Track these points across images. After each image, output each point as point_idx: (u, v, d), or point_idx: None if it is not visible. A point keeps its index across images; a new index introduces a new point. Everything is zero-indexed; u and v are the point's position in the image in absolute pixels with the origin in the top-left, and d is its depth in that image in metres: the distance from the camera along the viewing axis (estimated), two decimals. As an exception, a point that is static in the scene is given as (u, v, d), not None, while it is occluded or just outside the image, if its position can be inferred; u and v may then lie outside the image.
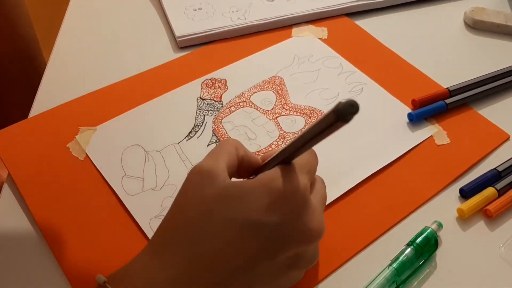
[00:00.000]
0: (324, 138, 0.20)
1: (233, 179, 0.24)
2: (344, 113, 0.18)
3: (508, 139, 0.36)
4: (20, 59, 0.49)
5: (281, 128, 0.36)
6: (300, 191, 0.23)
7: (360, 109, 0.18)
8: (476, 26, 0.46)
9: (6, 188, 0.32)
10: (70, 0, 0.47)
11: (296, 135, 0.21)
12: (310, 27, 0.45)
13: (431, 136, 0.36)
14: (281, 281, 0.24)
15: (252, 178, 0.24)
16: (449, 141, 0.36)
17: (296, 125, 0.36)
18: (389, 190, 0.32)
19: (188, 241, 0.22)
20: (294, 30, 0.45)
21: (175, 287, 0.21)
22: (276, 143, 0.35)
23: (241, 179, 0.24)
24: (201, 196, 0.23)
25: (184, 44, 0.43)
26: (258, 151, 0.34)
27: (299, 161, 0.24)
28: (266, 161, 0.25)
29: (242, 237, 0.22)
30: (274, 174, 0.23)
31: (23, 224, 0.30)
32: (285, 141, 0.35)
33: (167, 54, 0.42)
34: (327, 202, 0.31)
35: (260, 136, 0.35)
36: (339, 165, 0.33)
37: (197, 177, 0.23)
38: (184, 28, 0.43)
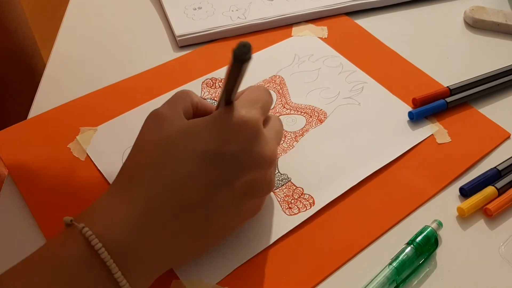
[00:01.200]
0: (240, 79, 0.23)
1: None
2: (239, 55, 0.20)
3: (508, 137, 0.36)
4: (16, 59, 0.48)
5: (281, 127, 0.36)
6: (253, 122, 0.25)
7: (249, 52, 0.20)
8: (476, 25, 0.46)
9: (6, 188, 0.32)
10: (70, 0, 0.47)
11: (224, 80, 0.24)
12: (310, 26, 0.45)
13: (432, 134, 0.36)
14: (240, 209, 0.26)
15: None
16: (450, 140, 0.36)
17: (297, 124, 0.36)
18: (390, 189, 0.33)
19: (149, 177, 0.23)
20: (294, 29, 0.45)
21: (137, 221, 0.22)
22: (277, 142, 0.35)
23: (201, 117, 0.25)
24: (160, 135, 0.24)
25: (184, 43, 0.43)
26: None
27: (251, 96, 0.26)
28: (219, 96, 0.26)
29: (200, 168, 0.23)
30: (227, 109, 0.25)
31: (24, 225, 0.30)
32: (286, 140, 0.35)
33: (167, 53, 0.42)
34: (327, 202, 0.31)
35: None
36: (339, 164, 0.34)
37: (155, 119, 0.25)
38: (184, 27, 0.43)
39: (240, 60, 0.21)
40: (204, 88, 0.39)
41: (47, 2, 0.69)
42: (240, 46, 0.20)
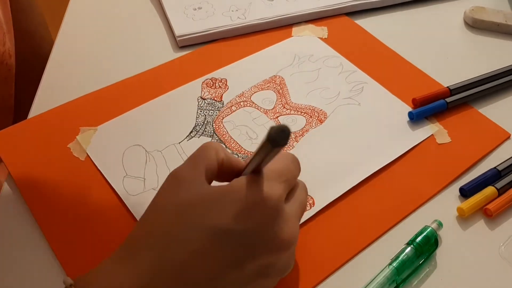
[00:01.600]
0: (271, 158, 0.21)
1: (215, 183, 0.24)
2: (276, 140, 0.19)
3: (508, 137, 0.36)
4: (34, 58, 0.48)
5: (281, 127, 0.36)
6: (273, 199, 0.23)
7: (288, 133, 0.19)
8: (476, 25, 0.46)
9: (6, 188, 0.32)
10: (70, 0, 0.47)
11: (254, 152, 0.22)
12: (310, 26, 0.45)
13: (432, 135, 0.36)
14: None
15: None
16: (450, 140, 0.36)
17: (297, 125, 0.36)
18: (390, 189, 0.33)
19: (156, 248, 0.22)
20: (294, 30, 0.45)
21: None
22: (277, 142, 0.35)
23: (217, 185, 0.23)
24: (175, 201, 0.23)
25: (184, 44, 0.43)
26: (259, 151, 0.34)
27: (277, 168, 0.24)
28: (247, 164, 0.25)
29: (210, 245, 0.22)
30: (246, 180, 0.23)
31: (24, 224, 0.30)
32: None
33: (167, 53, 0.42)
34: (327, 203, 0.31)
35: (261, 136, 0.35)
36: (339, 164, 0.34)
37: (174, 182, 0.24)
38: (184, 27, 0.43)
39: (274, 144, 0.19)
40: (204, 88, 0.39)
41: (47, 2, 0.69)
42: (278, 130, 0.19)
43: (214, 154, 0.25)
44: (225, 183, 0.23)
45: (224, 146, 0.26)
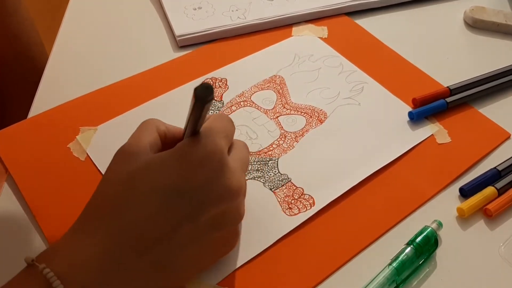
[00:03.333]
0: (204, 116, 0.23)
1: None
2: (201, 96, 0.21)
3: (509, 137, 0.36)
4: (21, 61, 0.48)
5: (282, 127, 0.36)
6: (217, 153, 0.24)
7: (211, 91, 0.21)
8: (476, 25, 0.46)
9: (7, 189, 0.32)
10: (70, 0, 0.47)
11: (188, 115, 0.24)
12: (310, 26, 0.45)
13: (432, 135, 0.36)
14: (207, 244, 0.25)
15: None
16: (450, 140, 0.36)
17: (297, 125, 0.36)
18: (391, 189, 0.33)
19: (113, 214, 0.23)
20: (294, 29, 0.45)
21: (101, 259, 0.22)
22: (277, 142, 0.35)
23: (162, 152, 0.25)
24: (123, 171, 0.24)
25: (184, 43, 0.43)
26: (259, 151, 0.34)
27: (215, 126, 0.25)
28: (184, 130, 0.26)
29: (161, 205, 0.23)
30: (189, 141, 0.24)
31: (25, 225, 0.30)
32: (286, 141, 0.35)
33: (167, 53, 0.42)
34: (327, 202, 0.31)
35: (261, 136, 0.35)
36: (339, 164, 0.34)
37: (121, 155, 0.25)
38: (184, 27, 0.43)
39: (202, 101, 0.21)
40: (204, 88, 0.39)
41: (47, 2, 0.69)
42: (202, 88, 0.21)
43: (154, 127, 0.26)
44: (166, 150, 0.24)
45: (163, 121, 0.27)
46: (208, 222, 0.24)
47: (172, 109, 0.37)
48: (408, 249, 0.28)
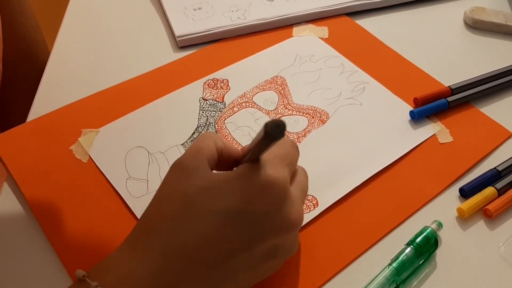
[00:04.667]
0: (269, 148, 0.22)
1: (214, 172, 0.25)
2: (271, 133, 0.19)
3: (510, 136, 0.36)
4: (25, 62, 0.48)
5: (283, 128, 0.36)
6: (280, 182, 0.23)
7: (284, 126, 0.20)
8: (476, 25, 0.46)
9: (8, 190, 0.32)
10: (70, 1, 0.47)
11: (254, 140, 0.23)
12: (311, 26, 0.45)
13: (434, 134, 0.36)
14: (259, 271, 0.25)
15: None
16: (452, 139, 0.36)
17: (299, 125, 0.36)
18: (394, 189, 0.33)
19: (167, 233, 0.22)
20: (295, 30, 0.45)
21: (154, 280, 0.22)
22: (279, 144, 0.35)
23: (222, 172, 0.24)
24: (182, 188, 0.23)
25: (184, 44, 0.43)
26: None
27: (279, 153, 0.25)
28: (245, 153, 0.25)
29: (219, 228, 0.22)
30: (253, 166, 0.23)
31: (27, 227, 0.30)
32: None
33: (167, 54, 0.42)
34: (331, 203, 0.31)
35: (262, 137, 0.35)
36: (342, 165, 0.34)
37: (178, 170, 0.24)
38: (184, 27, 0.43)
39: (271, 138, 0.20)
40: (206, 89, 0.39)
41: (47, 3, 0.69)
42: (273, 125, 0.19)
43: (213, 143, 0.25)
44: (226, 171, 0.24)
45: (220, 136, 0.27)
46: (264, 251, 0.23)
47: (175, 110, 0.37)
48: (408, 249, 0.29)
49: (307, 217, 0.31)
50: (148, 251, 0.22)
